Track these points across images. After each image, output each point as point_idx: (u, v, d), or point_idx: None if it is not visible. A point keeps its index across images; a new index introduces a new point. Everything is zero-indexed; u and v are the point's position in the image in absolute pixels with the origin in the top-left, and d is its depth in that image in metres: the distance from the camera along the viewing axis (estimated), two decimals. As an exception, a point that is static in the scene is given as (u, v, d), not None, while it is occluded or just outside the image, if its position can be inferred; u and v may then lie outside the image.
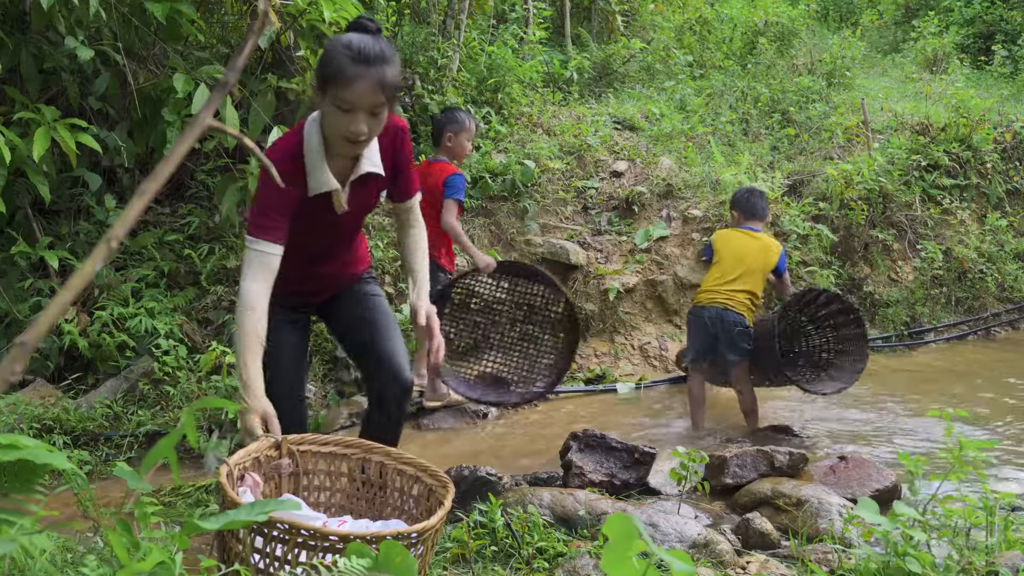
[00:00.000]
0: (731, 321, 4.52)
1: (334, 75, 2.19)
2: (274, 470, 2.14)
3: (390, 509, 2.18)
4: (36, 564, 1.95)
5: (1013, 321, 7.76)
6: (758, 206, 4.73)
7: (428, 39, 7.50)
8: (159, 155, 4.97)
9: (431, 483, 2.06)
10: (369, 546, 1.68)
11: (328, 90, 2.22)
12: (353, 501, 2.23)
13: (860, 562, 2.38)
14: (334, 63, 2.19)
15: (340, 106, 2.21)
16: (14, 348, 1.05)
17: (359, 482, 2.22)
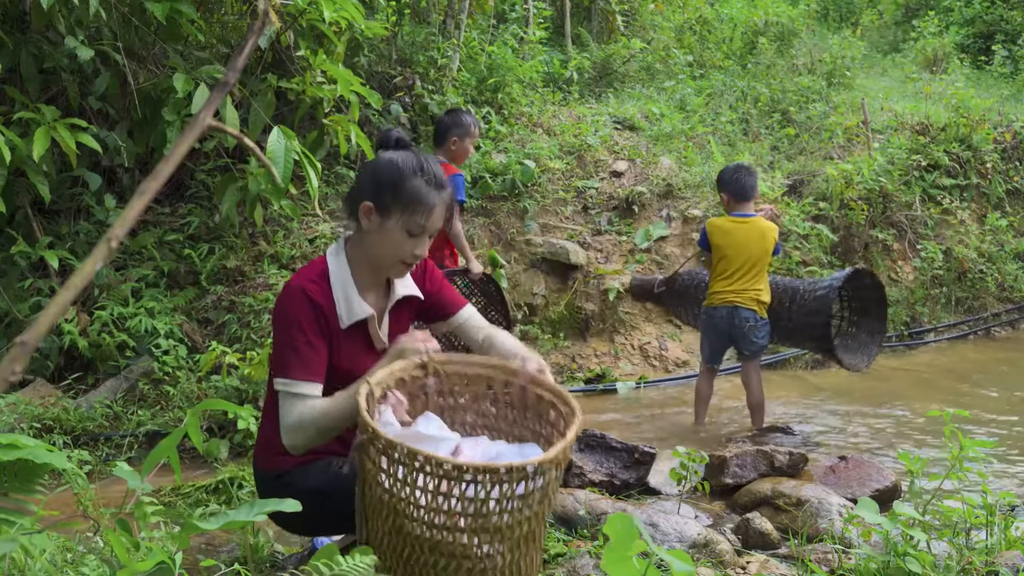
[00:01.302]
0: (743, 318, 4.53)
1: (412, 201, 2.11)
2: (420, 389, 2.13)
3: (529, 432, 2.18)
4: (36, 564, 1.95)
5: (1013, 321, 7.76)
6: (747, 185, 4.68)
7: (428, 39, 7.51)
8: (159, 155, 4.97)
9: (563, 410, 2.06)
10: (481, 477, 1.73)
11: (399, 215, 2.12)
12: (494, 421, 2.24)
13: (860, 562, 2.38)
14: (410, 189, 2.11)
15: (412, 231, 2.12)
16: (14, 348, 1.05)
17: (501, 402, 2.21)
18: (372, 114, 6.63)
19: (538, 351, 6.21)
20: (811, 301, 4.64)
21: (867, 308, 4.97)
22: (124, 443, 4.21)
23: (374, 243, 2.16)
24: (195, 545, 2.84)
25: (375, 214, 2.12)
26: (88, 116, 5.09)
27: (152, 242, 5.42)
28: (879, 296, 4.88)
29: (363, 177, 2.20)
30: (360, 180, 2.21)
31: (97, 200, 5.36)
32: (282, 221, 5.88)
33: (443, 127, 4.83)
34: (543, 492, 1.82)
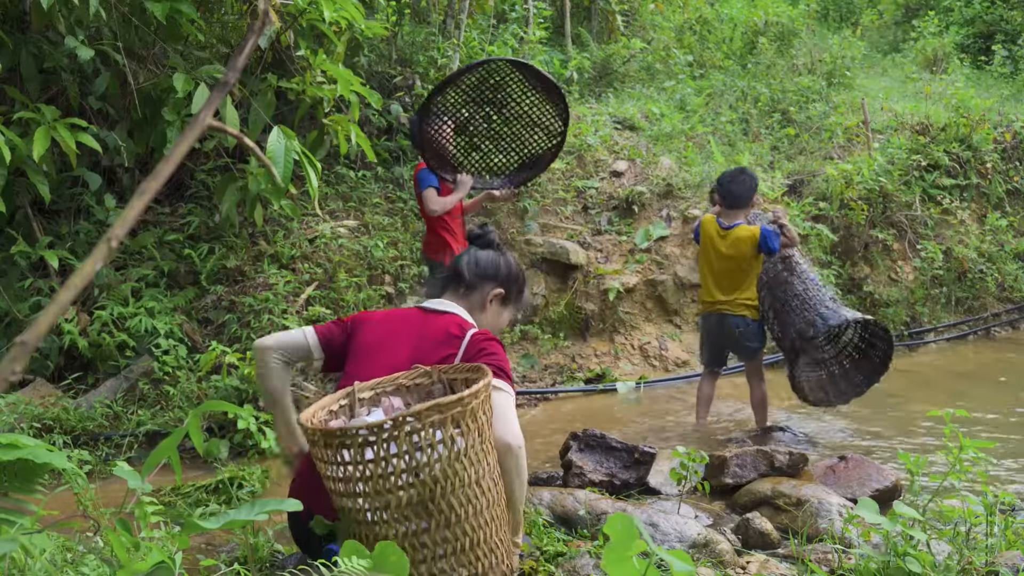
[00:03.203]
0: (733, 325, 4.53)
1: (524, 304, 2.75)
2: (427, 395, 2.36)
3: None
4: (36, 564, 1.95)
5: (1013, 321, 7.76)
6: (735, 194, 4.54)
7: (428, 39, 7.51)
8: (159, 155, 4.97)
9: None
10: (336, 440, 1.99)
11: (513, 309, 2.70)
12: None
13: (860, 562, 2.38)
14: (526, 297, 2.76)
15: (518, 307, 2.70)
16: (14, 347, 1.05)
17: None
18: (372, 114, 6.63)
19: (538, 351, 6.21)
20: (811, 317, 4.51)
21: (869, 358, 4.79)
22: (124, 443, 4.21)
23: (485, 317, 2.62)
24: (195, 545, 2.84)
25: (498, 301, 2.63)
26: (88, 116, 5.08)
27: (152, 242, 5.41)
28: (886, 354, 4.66)
29: (500, 265, 2.64)
30: (496, 265, 2.64)
31: (97, 200, 5.36)
32: (282, 221, 5.88)
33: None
34: (439, 462, 1.96)
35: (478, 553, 2.04)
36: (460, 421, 1.99)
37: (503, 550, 2.11)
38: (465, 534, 2.01)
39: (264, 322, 5.09)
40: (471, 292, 2.58)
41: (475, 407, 2.02)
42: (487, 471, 2.06)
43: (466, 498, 2.01)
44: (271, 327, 5.06)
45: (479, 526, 2.03)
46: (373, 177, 6.72)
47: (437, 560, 2.00)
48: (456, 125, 4.83)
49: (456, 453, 1.99)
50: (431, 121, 4.75)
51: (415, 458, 1.96)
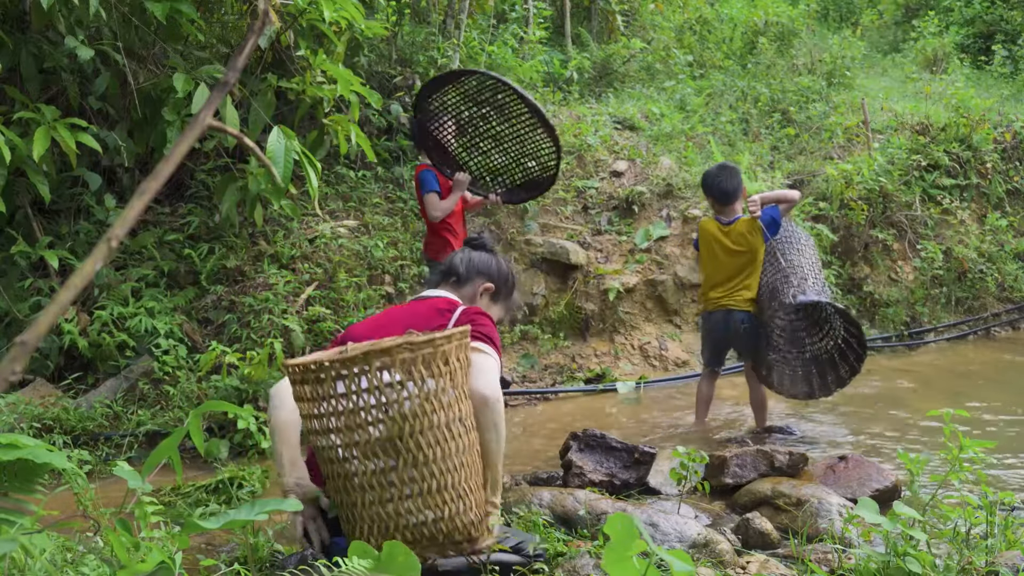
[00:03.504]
0: (738, 320, 4.53)
1: (513, 305, 2.89)
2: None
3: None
4: (36, 564, 1.95)
5: (1013, 321, 7.76)
6: (727, 189, 4.57)
7: (428, 39, 7.50)
8: (159, 155, 4.97)
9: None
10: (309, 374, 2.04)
11: (502, 307, 2.82)
12: None
13: (860, 562, 2.38)
14: (515, 299, 2.90)
15: (508, 307, 2.82)
16: (14, 347, 1.05)
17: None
18: (372, 114, 6.62)
19: (538, 351, 6.21)
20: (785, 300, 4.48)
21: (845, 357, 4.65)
22: (124, 443, 4.21)
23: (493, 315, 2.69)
24: (195, 545, 2.83)
25: (487, 295, 2.73)
26: (88, 116, 5.08)
27: (152, 242, 5.41)
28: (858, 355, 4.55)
29: (492, 263, 2.76)
30: (489, 264, 2.76)
31: (97, 200, 5.36)
32: (282, 221, 5.88)
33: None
34: (408, 400, 2.01)
35: (445, 497, 2.05)
36: (431, 362, 2.03)
37: (472, 499, 2.12)
38: (432, 476, 2.03)
39: (264, 322, 5.09)
40: (463, 285, 2.69)
41: (447, 351, 2.06)
42: (458, 417, 2.08)
43: (435, 440, 2.04)
44: (271, 327, 5.07)
45: (447, 470, 2.05)
46: (373, 177, 6.72)
47: (404, 500, 2.03)
48: (458, 125, 4.84)
49: (425, 393, 2.02)
50: (432, 119, 4.77)
51: (384, 394, 2.01)
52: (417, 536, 2.06)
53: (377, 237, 6.11)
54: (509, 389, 5.59)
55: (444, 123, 4.81)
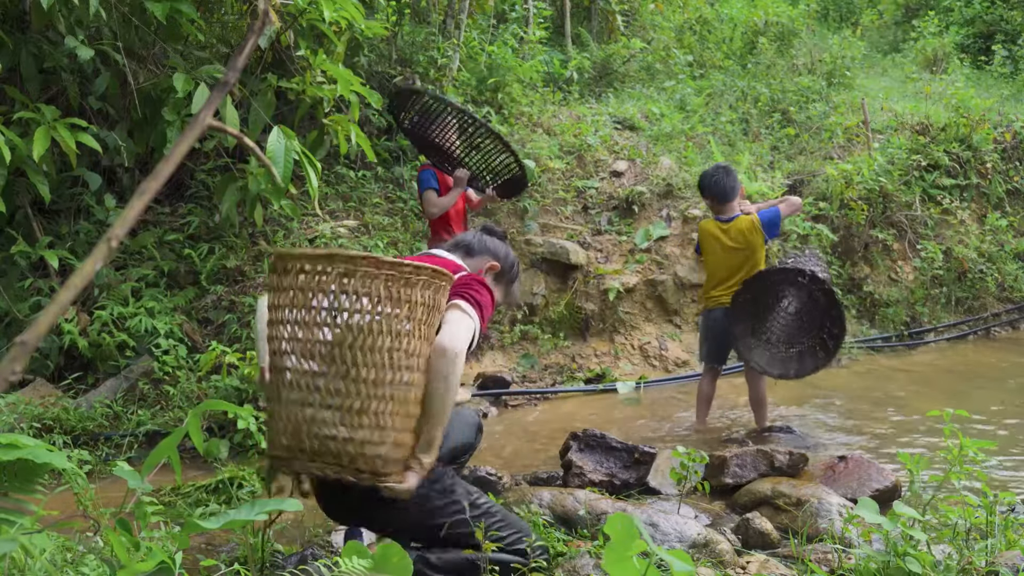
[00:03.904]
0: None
1: (512, 293, 2.83)
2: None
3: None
4: (36, 564, 1.95)
5: (1013, 321, 7.76)
6: (726, 187, 4.63)
7: (428, 39, 7.51)
8: (159, 155, 4.97)
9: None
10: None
11: (503, 289, 2.78)
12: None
13: (860, 562, 2.38)
14: (516, 289, 2.85)
15: (508, 294, 2.80)
16: (14, 347, 1.05)
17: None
18: (372, 114, 6.63)
19: (538, 351, 6.21)
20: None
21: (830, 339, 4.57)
22: (124, 443, 4.21)
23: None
24: (195, 545, 2.84)
25: (492, 274, 2.70)
26: (88, 116, 5.08)
27: (152, 242, 5.41)
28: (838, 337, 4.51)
29: (501, 248, 2.77)
30: (499, 247, 2.76)
31: (97, 200, 5.36)
32: (282, 221, 5.88)
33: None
34: (358, 314, 2.01)
35: (362, 420, 2.03)
36: (393, 286, 2.03)
37: (391, 436, 2.06)
38: (357, 395, 2.02)
39: (264, 322, 5.09)
40: (471, 258, 2.70)
41: (412, 282, 2.05)
42: (405, 350, 2.06)
43: (372, 362, 2.02)
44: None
45: (373, 395, 2.03)
46: (373, 177, 6.72)
47: (322, 409, 2.02)
48: (459, 125, 4.85)
49: (378, 313, 2.02)
50: (434, 120, 4.79)
51: (339, 300, 2.02)
52: (322, 449, 2.03)
53: (377, 237, 6.11)
54: (509, 389, 5.59)
55: (448, 125, 4.83)
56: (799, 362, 4.61)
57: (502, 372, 5.82)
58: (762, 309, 4.63)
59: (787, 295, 4.69)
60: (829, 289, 4.44)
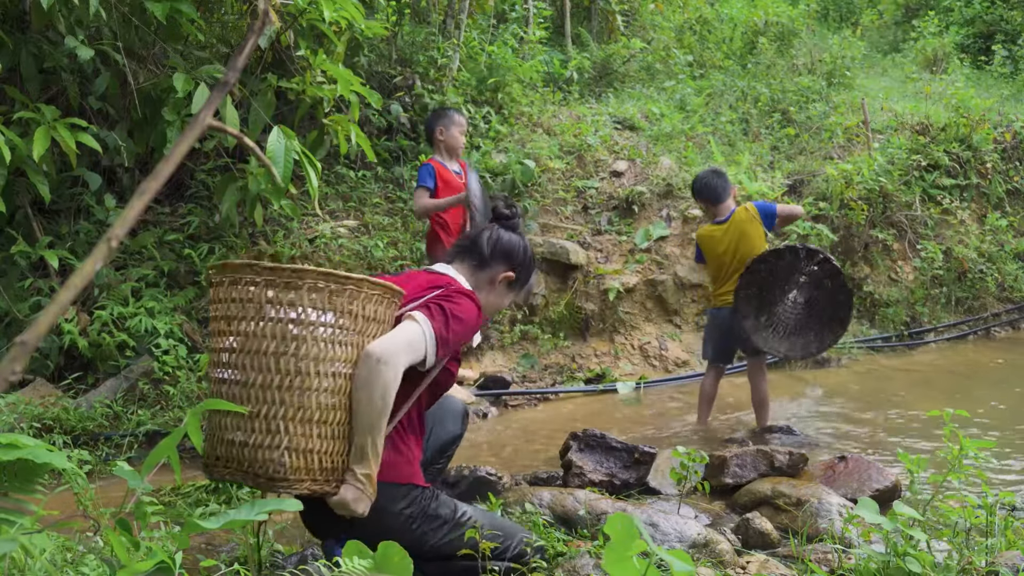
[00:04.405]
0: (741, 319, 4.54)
1: (530, 285, 2.67)
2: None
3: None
4: (36, 564, 1.95)
5: (1013, 321, 7.76)
6: (717, 188, 4.65)
7: (428, 39, 7.51)
8: (159, 155, 4.97)
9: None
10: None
11: (519, 290, 2.64)
12: None
13: (860, 562, 2.38)
14: (533, 280, 2.72)
15: (515, 300, 2.67)
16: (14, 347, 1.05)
17: None
18: (372, 114, 6.62)
19: (538, 351, 6.21)
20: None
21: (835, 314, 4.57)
22: (124, 443, 4.21)
23: (488, 297, 2.56)
24: (195, 545, 2.84)
25: (505, 283, 2.58)
26: (88, 116, 5.08)
27: (152, 242, 5.41)
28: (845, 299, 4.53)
29: (518, 248, 2.58)
30: (515, 248, 2.58)
31: (97, 200, 5.36)
32: (282, 221, 5.88)
33: (428, 124, 5.15)
34: (277, 323, 2.03)
35: (255, 424, 2.03)
36: (273, 291, 2.05)
37: (286, 444, 2.02)
38: (248, 399, 2.03)
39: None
40: (483, 268, 2.54)
41: (295, 285, 2.05)
42: (296, 356, 2.03)
43: (259, 366, 2.03)
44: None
45: (265, 399, 2.02)
46: (373, 177, 6.72)
47: (227, 415, 2.05)
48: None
49: (262, 318, 2.04)
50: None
51: (230, 308, 2.08)
52: (227, 454, 2.05)
53: (377, 237, 6.11)
54: (509, 389, 5.59)
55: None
56: (819, 341, 4.59)
57: (502, 372, 5.82)
58: (768, 303, 4.61)
59: (795, 286, 4.65)
60: (837, 271, 4.43)
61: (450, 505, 2.35)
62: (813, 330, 4.59)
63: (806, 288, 4.60)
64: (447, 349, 2.25)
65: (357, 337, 2.11)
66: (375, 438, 2.10)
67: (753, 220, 4.54)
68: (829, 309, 4.55)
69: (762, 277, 4.51)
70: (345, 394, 2.09)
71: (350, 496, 2.10)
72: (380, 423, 2.09)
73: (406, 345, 2.13)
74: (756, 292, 4.51)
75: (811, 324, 4.60)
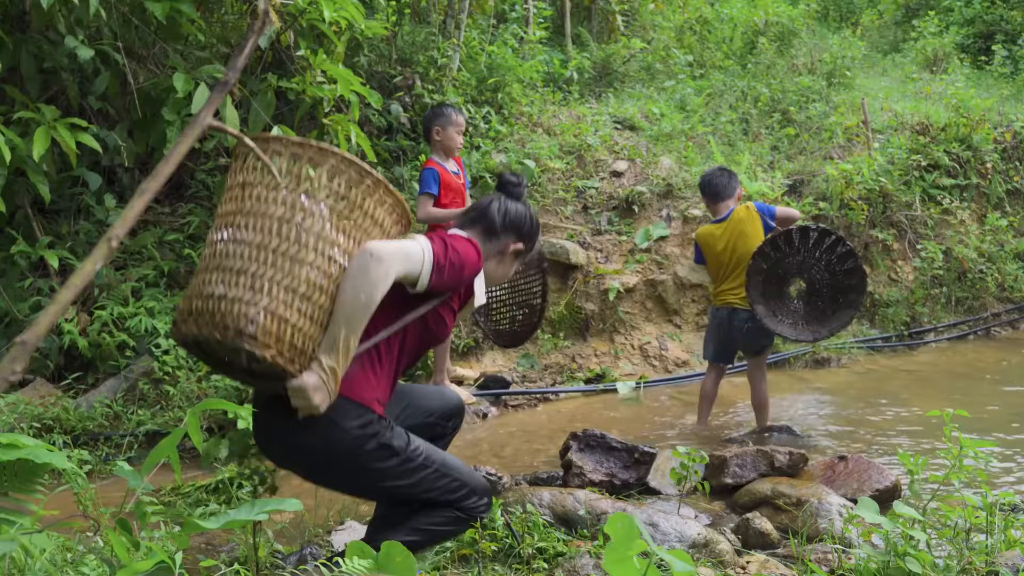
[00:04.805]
0: (742, 319, 4.53)
1: (533, 236, 2.61)
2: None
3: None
4: (36, 564, 1.95)
5: (1013, 321, 7.76)
6: (719, 185, 4.66)
7: (428, 39, 7.50)
8: (159, 155, 4.97)
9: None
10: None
11: (529, 249, 2.62)
12: None
13: (860, 562, 2.38)
14: (536, 248, 2.66)
15: (523, 259, 2.63)
16: (14, 347, 1.05)
17: None
18: (372, 114, 6.62)
19: (538, 351, 6.21)
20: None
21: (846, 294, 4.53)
22: (124, 443, 4.21)
23: (497, 268, 2.57)
24: (195, 545, 2.84)
25: (513, 255, 2.58)
26: (88, 116, 5.08)
27: (152, 242, 5.41)
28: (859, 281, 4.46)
29: (525, 218, 2.58)
30: (523, 219, 2.57)
31: (97, 200, 5.36)
32: (282, 221, 5.87)
33: (426, 122, 5.10)
34: (264, 188, 2.08)
35: (239, 280, 2.03)
36: (306, 162, 2.08)
37: (265, 304, 2.01)
38: (240, 256, 2.04)
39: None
40: (493, 239, 2.53)
41: (335, 166, 2.09)
42: (301, 225, 2.06)
43: (261, 227, 2.06)
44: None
45: (255, 258, 2.04)
46: (373, 177, 6.71)
47: (213, 271, 2.07)
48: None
49: (310, 194, 2.07)
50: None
51: (246, 174, 2.10)
52: (203, 308, 2.04)
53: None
54: (509, 389, 5.58)
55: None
56: (828, 325, 4.54)
57: (502, 372, 5.82)
58: (779, 285, 4.58)
59: (807, 269, 4.61)
60: (850, 252, 4.41)
61: (404, 438, 2.29)
62: (823, 314, 4.58)
63: (817, 271, 4.59)
64: (442, 278, 2.24)
65: (360, 233, 2.14)
66: (349, 335, 2.09)
67: (753, 219, 4.54)
68: (841, 293, 4.54)
69: (773, 260, 4.49)
70: (334, 282, 2.10)
71: (311, 382, 2.07)
72: (358, 320, 2.09)
73: (403, 254, 2.15)
74: (767, 276, 4.49)
75: (822, 307, 4.59)
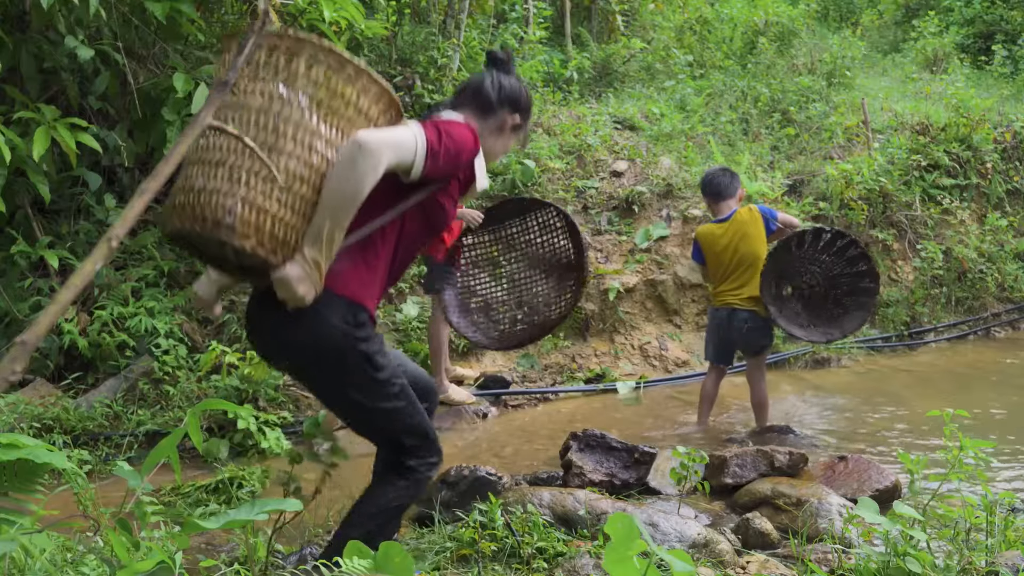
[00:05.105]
0: (741, 319, 4.53)
1: (529, 110, 2.54)
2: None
3: None
4: (36, 564, 1.95)
5: (1013, 321, 7.76)
6: (720, 185, 4.66)
7: (428, 39, 7.50)
8: (159, 155, 4.97)
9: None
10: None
11: (520, 133, 2.55)
12: None
13: (860, 562, 2.38)
14: (531, 102, 2.56)
15: (520, 133, 2.55)
16: (14, 347, 1.05)
17: None
18: (372, 114, 6.62)
19: (538, 351, 6.21)
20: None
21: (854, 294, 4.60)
22: (124, 443, 4.21)
23: (496, 143, 2.50)
24: (195, 545, 2.84)
25: (512, 128, 2.50)
26: (88, 116, 5.08)
27: (152, 242, 5.41)
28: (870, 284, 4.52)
29: (520, 90, 2.50)
30: (518, 92, 2.49)
31: (97, 200, 5.36)
32: (282, 221, 5.87)
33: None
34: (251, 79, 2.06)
35: (218, 172, 2.02)
36: (293, 51, 2.06)
37: (243, 195, 1.99)
38: (219, 148, 2.03)
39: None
40: (490, 115, 2.45)
41: (315, 57, 2.06)
42: (286, 119, 2.04)
43: (245, 120, 2.04)
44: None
45: (233, 150, 2.02)
46: (373, 177, 6.72)
47: (197, 164, 2.04)
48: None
49: (288, 83, 2.05)
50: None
51: (255, 69, 2.07)
52: (185, 201, 2.03)
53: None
54: (509, 389, 5.58)
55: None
56: (847, 321, 4.57)
57: (502, 372, 5.82)
58: (791, 286, 4.60)
59: (819, 270, 4.64)
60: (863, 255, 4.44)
61: (389, 361, 2.23)
62: (834, 316, 4.60)
63: (830, 272, 4.61)
64: (436, 164, 2.18)
65: (343, 123, 2.11)
66: (334, 227, 2.05)
67: (756, 221, 4.54)
68: (853, 294, 4.56)
69: (785, 261, 4.50)
70: (317, 174, 2.06)
71: (294, 273, 2.03)
72: (343, 212, 2.05)
73: (394, 142, 2.09)
74: (777, 277, 4.51)
75: (833, 309, 4.61)
